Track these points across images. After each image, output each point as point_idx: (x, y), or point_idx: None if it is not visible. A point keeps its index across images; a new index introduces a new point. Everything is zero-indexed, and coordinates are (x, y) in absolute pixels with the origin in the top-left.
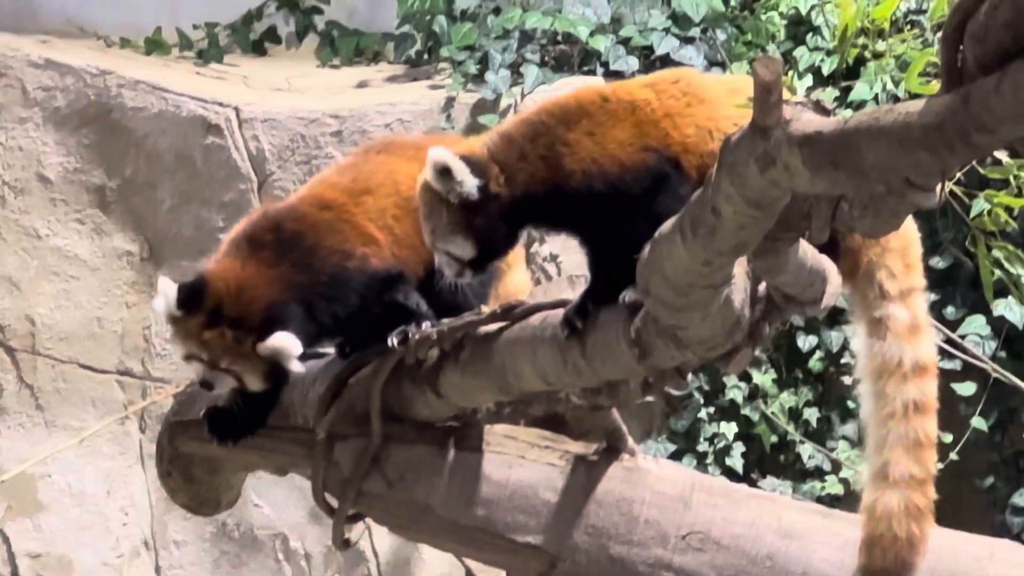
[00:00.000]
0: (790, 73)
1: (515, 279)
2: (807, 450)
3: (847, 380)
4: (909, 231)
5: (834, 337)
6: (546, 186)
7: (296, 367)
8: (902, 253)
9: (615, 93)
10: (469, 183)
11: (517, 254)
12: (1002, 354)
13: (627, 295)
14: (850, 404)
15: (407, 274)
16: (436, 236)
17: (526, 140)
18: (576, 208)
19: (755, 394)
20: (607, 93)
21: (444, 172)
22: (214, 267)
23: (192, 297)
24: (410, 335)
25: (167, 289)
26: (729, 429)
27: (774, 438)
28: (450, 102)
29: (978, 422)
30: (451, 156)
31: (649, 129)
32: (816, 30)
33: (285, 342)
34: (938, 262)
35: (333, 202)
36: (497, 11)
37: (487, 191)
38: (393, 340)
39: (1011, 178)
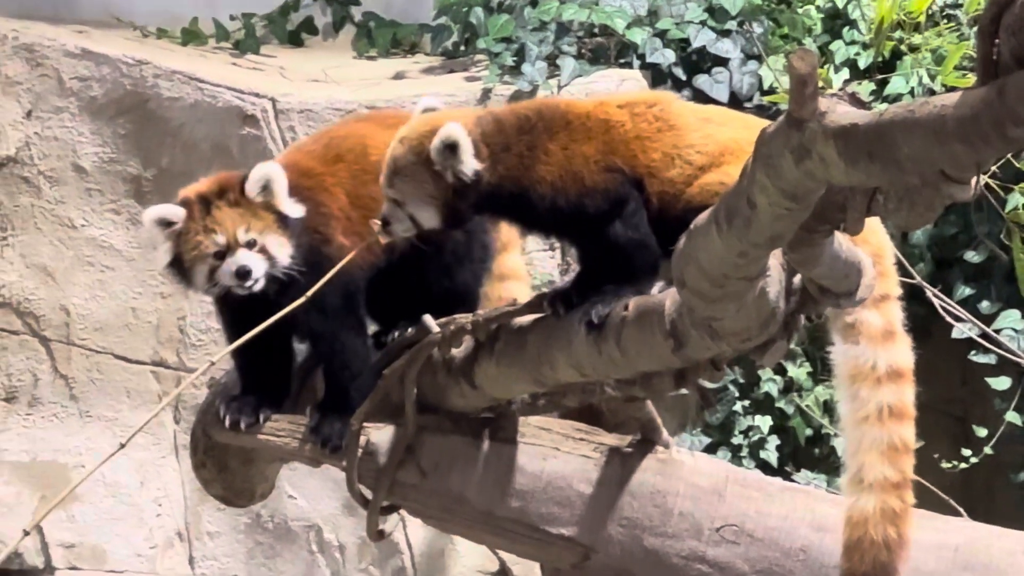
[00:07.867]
0: (826, 66)
1: (509, 261)
2: (841, 443)
3: None
4: (880, 239)
5: None
6: (515, 184)
7: (292, 209)
8: (874, 261)
9: (595, 110)
10: (470, 166)
11: (512, 235)
12: None
13: (594, 312)
14: None
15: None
16: (407, 199)
17: (514, 131)
18: (535, 214)
19: (790, 387)
20: (590, 109)
21: (451, 148)
22: None
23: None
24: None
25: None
26: (764, 422)
27: (809, 431)
28: (486, 94)
29: (1012, 416)
30: (464, 136)
31: (619, 147)
32: (852, 24)
33: (265, 168)
34: (973, 256)
35: (310, 171)
36: (534, 3)
37: (479, 176)
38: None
39: None
